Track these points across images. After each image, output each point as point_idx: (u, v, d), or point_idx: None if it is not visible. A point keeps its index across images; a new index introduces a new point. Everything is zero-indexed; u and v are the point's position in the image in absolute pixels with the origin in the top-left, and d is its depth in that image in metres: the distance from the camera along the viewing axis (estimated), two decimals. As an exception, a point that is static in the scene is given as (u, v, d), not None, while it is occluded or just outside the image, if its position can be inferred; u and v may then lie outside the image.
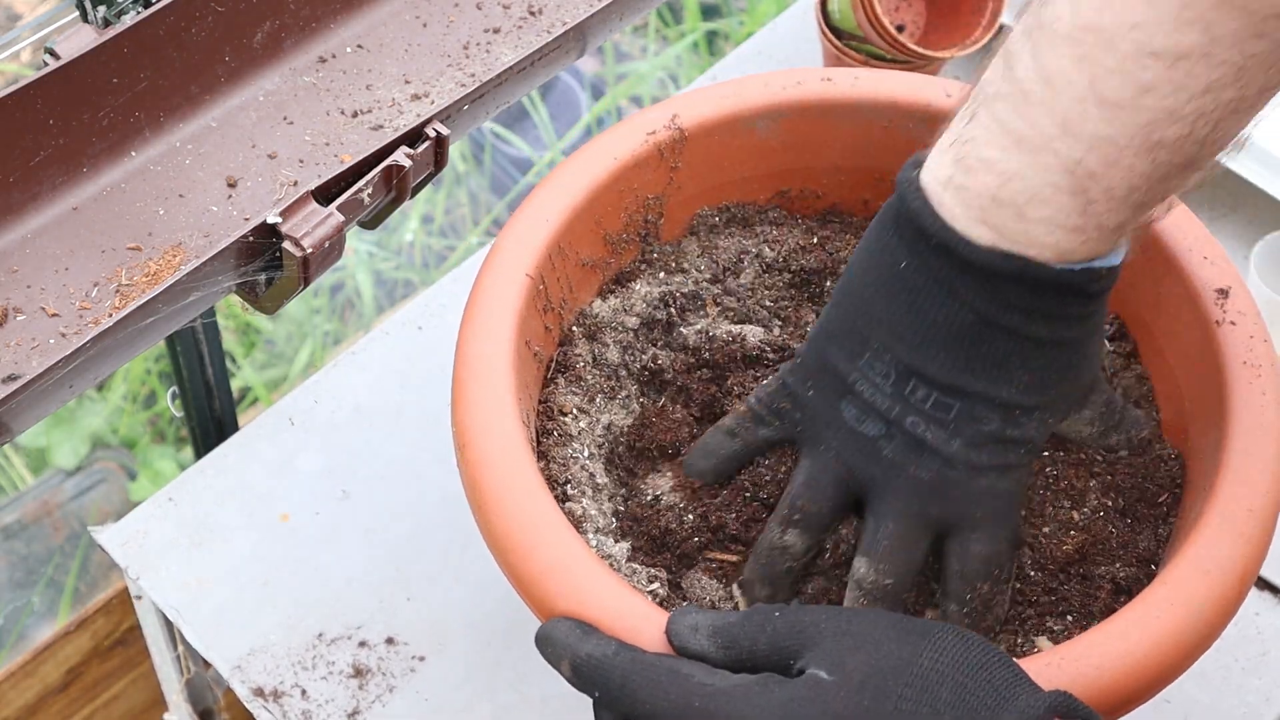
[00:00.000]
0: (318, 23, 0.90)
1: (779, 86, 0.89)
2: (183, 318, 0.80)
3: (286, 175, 0.85)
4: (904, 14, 1.25)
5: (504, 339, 0.79)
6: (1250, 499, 0.74)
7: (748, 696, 0.64)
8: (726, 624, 0.68)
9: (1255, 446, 0.76)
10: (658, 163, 0.88)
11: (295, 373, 1.85)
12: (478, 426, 0.76)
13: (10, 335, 0.77)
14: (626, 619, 0.70)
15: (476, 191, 2.04)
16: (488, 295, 0.81)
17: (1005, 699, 0.62)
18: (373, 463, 1.05)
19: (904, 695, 0.62)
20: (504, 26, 0.93)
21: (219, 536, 1.01)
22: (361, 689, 0.95)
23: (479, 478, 0.75)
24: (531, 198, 0.85)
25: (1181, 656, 0.71)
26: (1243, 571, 0.72)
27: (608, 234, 0.87)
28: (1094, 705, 0.66)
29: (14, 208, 0.80)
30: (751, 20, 2.11)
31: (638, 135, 0.87)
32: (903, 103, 0.89)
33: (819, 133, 0.90)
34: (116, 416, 1.82)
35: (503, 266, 0.81)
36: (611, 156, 0.86)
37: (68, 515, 1.75)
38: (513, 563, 0.73)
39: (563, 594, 0.71)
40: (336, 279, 1.93)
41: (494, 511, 0.74)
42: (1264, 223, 1.16)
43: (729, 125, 0.89)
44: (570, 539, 0.72)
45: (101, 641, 1.32)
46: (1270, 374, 0.78)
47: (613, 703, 0.68)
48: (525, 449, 0.75)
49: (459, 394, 0.78)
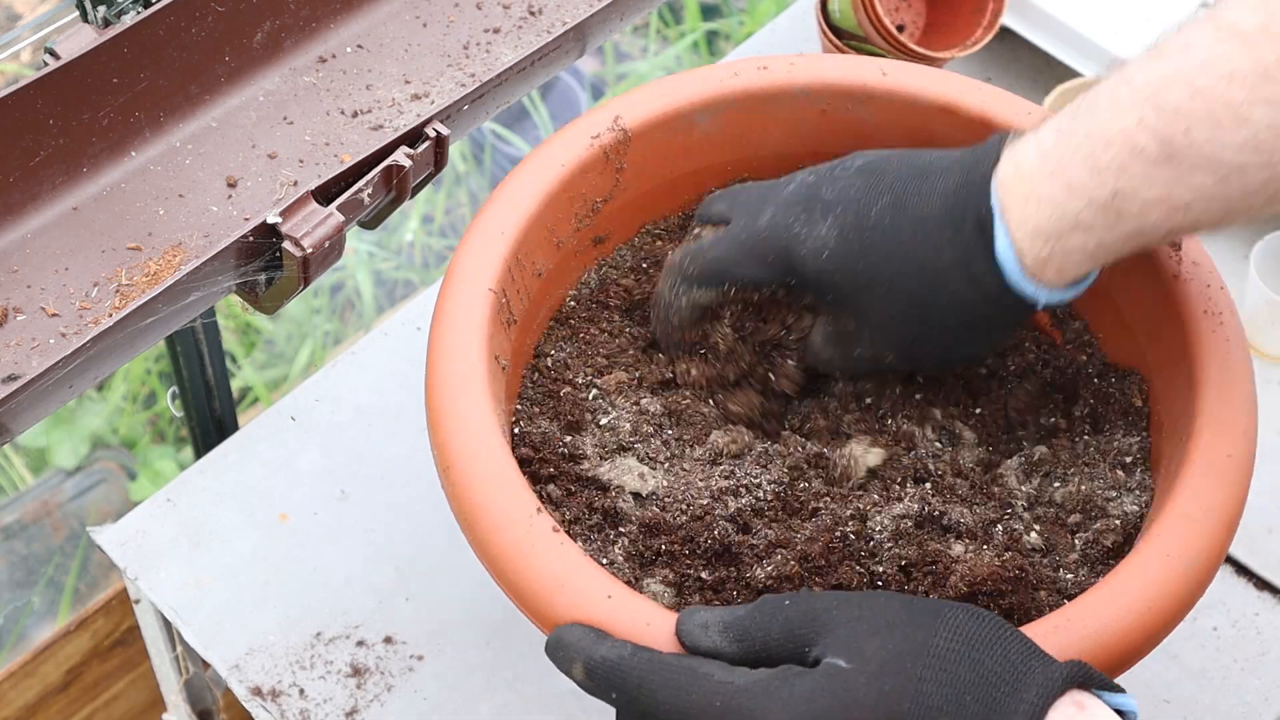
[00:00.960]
0: (318, 23, 0.90)
1: (716, 80, 0.89)
2: (183, 318, 0.80)
3: (286, 175, 0.85)
4: (904, 14, 1.25)
5: (476, 357, 0.78)
6: (1229, 445, 0.75)
7: (769, 691, 0.64)
8: (736, 618, 0.68)
9: (1227, 393, 0.77)
10: (603, 165, 0.88)
11: (295, 373, 1.85)
12: (461, 449, 0.75)
13: (10, 335, 0.77)
14: (634, 623, 0.69)
15: (476, 191, 2.04)
16: (453, 314, 0.80)
17: (1022, 673, 0.63)
18: (372, 463, 1.05)
19: (924, 677, 0.63)
20: (504, 26, 0.93)
21: (218, 537, 1.01)
22: (360, 688, 0.95)
23: (468, 499, 0.74)
24: (484, 212, 0.84)
25: (1179, 606, 0.72)
26: (1229, 516, 0.74)
27: (560, 241, 0.87)
28: (1103, 664, 0.67)
29: (14, 208, 0.80)
30: (751, 20, 2.11)
31: (582, 140, 0.87)
32: (839, 85, 0.89)
33: (759, 122, 0.90)
34: (116, 416, 1.82)
35: (464, 283, 0.81)
36: (559, 164, 0.86)
37: (68, 515, 1.75)
38: (511, 579, 0.72)
39: (568, 605, 0.71)
40: (336, 279, 1.93)
41: (487, 530, 0.73)
42: (1264, 222, 1.16)
43: (670, 122, 0.89)
44: (570, 551, 0.72)
45: (101, 641, 1.32)
46: (1231, 321, 0.80)
47: (631, 704, 0.68)
48: (512, 466, 0.75)
49: (437, 416, 0.77)
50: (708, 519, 0.77)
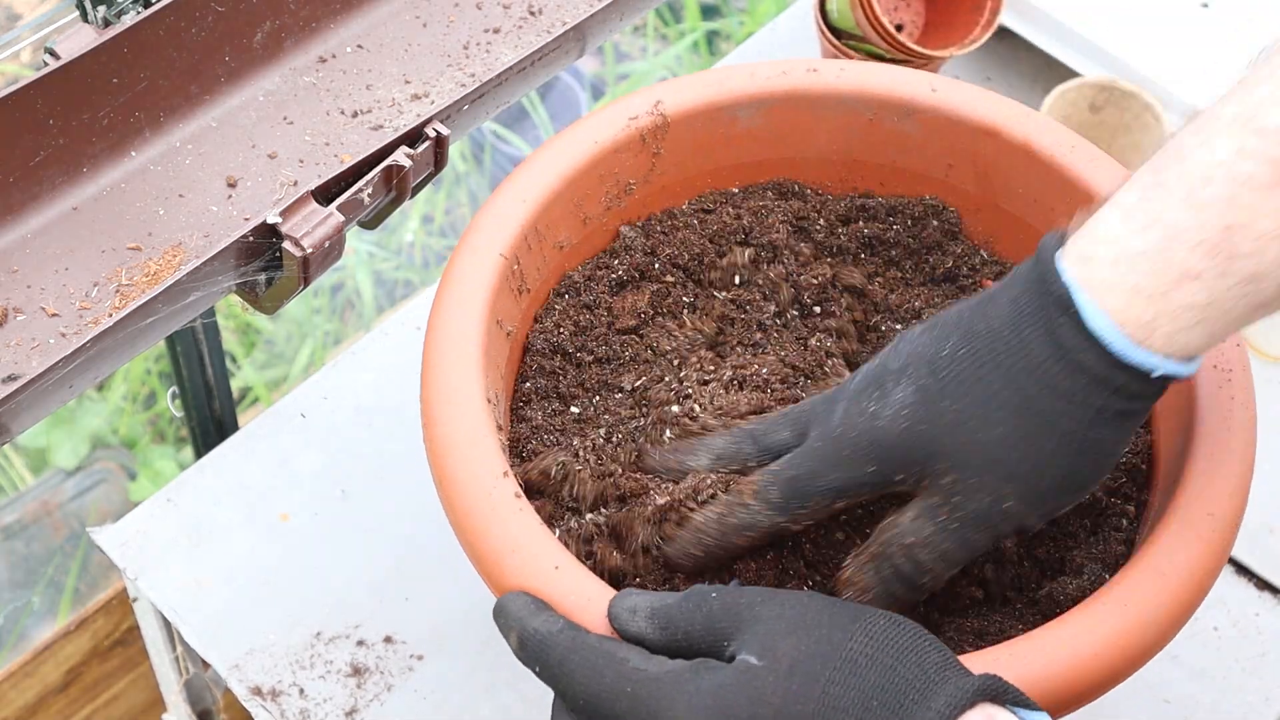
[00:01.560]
0: (318, 23, 0.90)
1: (764, 76, 0.89)
2: (183, 318, 0.80)
3: (286, 175, 0.85)
4: (903, 13, 1.25)
5: (475, 317, 0.79)
6: (1211, 504, 0.73)
7: (678, 683, 0.65)
8: (664, 605, 0.68)
9: (1220, 450, 0.75)
10: (639, 148, 0.88)
11: (295, 373, 1.85)
12: (443, 405, 0.76)
13: (10, 335, 0.77)
14: (575, 597, 0.70)
15: (476, 191, 2.04)
16: (460, 274, 0.81)
17: (934, 682, 0.62)
18: (372, 463, 1.05)
19: (832, 679, 0.63)
20: (504, 26, 0.93)
21: (218, 537, 1.01)
22: (360, 688, 0.95)
23: (442, 456, 0.75)
24: (510, 178, 0.85)
25: (1132, 658, 0.70)
26: (1200, 575, 0.71)
27: (588, 218, 0.88)
28: (1039, 702, 0.65)
29: (14, 208, 0.80)
30: (751, 20, 2.11)
31: (620, 120, 0.87)
32: (886, 96, 0.89)
33: (805, 123, 0.90)
34: (116, 416, 1.82)
35: (477, 246, 0.81)
36: (592, 140, 0.86)
37: (68, 515, 1.75)
38: (471, 540, 0.73)
39: (517, 571, 0.71)
40: (336, 279, 1.93)
41: (454, 490, 0.74)
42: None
43: (713, 113, 0.89)
44: (527, 519, 0.72)
45: (101, 641, 1.32)
46: (1241, 378, 0.77)
47: (552, 680, 0.68)
48: (488, 429, 0.75)
49: (427, 371, 0.78)
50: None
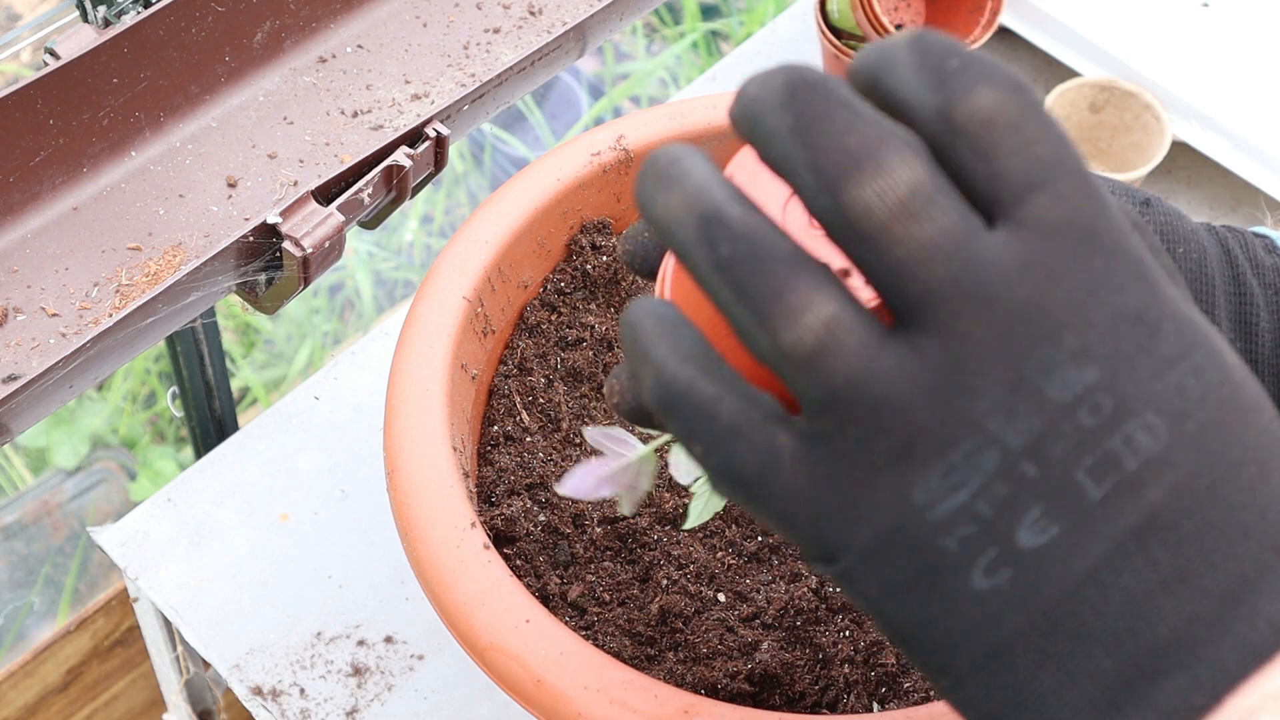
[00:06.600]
0: (318, 23, 0.90)
1: (726, 108, 0.88)
2: (183, 318, 0.80)
3: (286, 175, 0.85)
4: (903, 14, 1.25)
5: (438, 364, 0.77)
6: None
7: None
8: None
9: None
10: (602, 184, 0.87)
11: (295, 373, 1.85)
12: (407, 455, 0.74)
13: (10, 335, 0.77)
14: (547, 652, 0.67)
15: (476, 191, 2.04)
16: (423, 319, 0.79)
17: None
18: (372, 463, 1.05)
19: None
20: (504, 26, 0.93)
21: (218, 536, 1.01)
22: (360, 688, 0.95)
23: (406, 507, 0.73)
24: (470, 221, 0.84)
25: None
26: None
27: (550, 255, 0.86)
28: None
29: (14, 208, 0.80)
30: (751, 20, 2.11)
31: (582, 156, 0.86)
32: None
33: None
34: (116, 416, 1.82)
35: (439, 291, 0.80)
36: (554, 178, 0.85)
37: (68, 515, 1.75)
38: (437, 594, 0.71)
39: (485, 625, 0.69)
40: (336, 279, 1.93)
41: (420, 542, 0.72)
42: (1263, 222, 1.16)
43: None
44: (495, 571, 0.70)
45: (101, 641, 1.32)
46: None
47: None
48: (454, 478, 0.73)
49: (390, 420, 0.76)
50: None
